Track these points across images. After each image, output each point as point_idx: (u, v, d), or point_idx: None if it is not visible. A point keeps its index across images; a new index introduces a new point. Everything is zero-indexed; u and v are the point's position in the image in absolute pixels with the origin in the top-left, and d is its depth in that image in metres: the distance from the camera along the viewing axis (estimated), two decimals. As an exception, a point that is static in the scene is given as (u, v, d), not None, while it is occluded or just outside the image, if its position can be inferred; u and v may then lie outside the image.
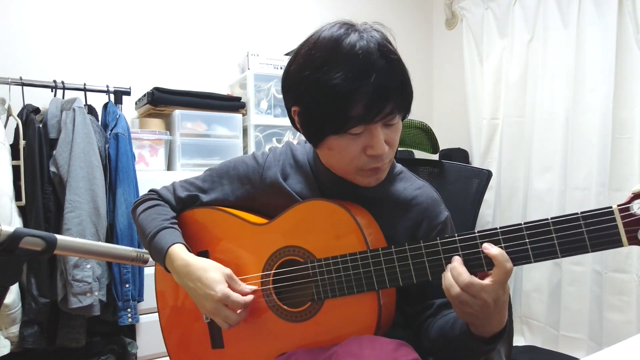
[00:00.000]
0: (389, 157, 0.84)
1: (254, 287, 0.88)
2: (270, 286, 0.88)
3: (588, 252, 0.67)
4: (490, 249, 0.70)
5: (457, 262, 0.71)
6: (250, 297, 0.86)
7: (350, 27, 0.79)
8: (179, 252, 0.89)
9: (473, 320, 0.73)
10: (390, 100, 0.76)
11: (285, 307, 0.87)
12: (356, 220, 0.81)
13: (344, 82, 0.74)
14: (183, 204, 1.03)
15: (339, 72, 0.74)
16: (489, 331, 0.74)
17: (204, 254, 0.96)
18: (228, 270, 0.87)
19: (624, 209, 0.65)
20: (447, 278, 0.71)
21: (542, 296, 2.43)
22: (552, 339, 2.37)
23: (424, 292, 0.89)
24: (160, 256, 0.91)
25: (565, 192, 2.31)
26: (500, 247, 0.70)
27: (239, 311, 0.85)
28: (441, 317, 0.86)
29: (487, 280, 0.69)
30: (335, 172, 0.88)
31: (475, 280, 0.69)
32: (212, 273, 0.85)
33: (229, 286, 0.85)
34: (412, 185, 0.94)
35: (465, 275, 0.69)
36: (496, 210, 2.66)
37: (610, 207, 0.66)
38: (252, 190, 0.97)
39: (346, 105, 0.75)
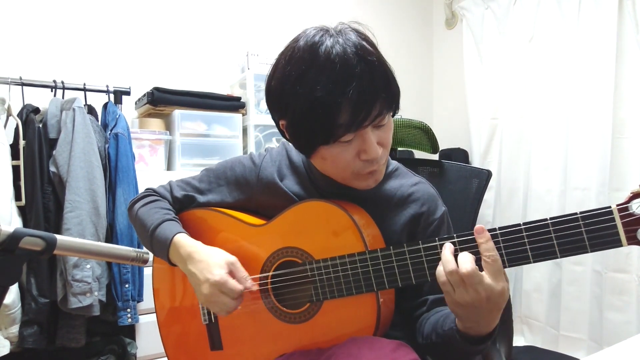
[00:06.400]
0: (384, 158, 0.84)
1: (254, 277, 0.87)
2: (269, 287, 0.88)
3: (587, 252, 0.67)
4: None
5: (447, 250, 0.70)
6: (249, 283, 0.84)
7: (325, 32, 0.77)
8: (185, 240, 0.88)
9: (461, 311, 0.71)
10: (376, 102, 0.75)
11: (284, 308, 0.86)
12: (354, 221, 0.81)
13: (325, 94, 0.72)
14: (180, 204, 1.02)
15: (319, 84, 0.73)
16: (477, 330, 0.72)
17: None
18: (233, 258, 0.85)
19: (623, 208, 0.64)
20: (437, 267, 0.71)
21: (542, 296, 2.43)
22: (552, 339, 2.37)
23: (419, 288, 0.89)
24: (164, 247, 0.89)
25: (565, 192, 2.31)
26: (499, 248, 0.69)
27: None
28: (435, 313, 0.85)
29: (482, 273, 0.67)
30: (334, 178, 0.87)
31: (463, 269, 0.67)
32: (215, 258, 0.84)
33: (231, 272, 0.84)
34: (408, 182, 0.93)
35: (452, 263, 0.68)
36: (496, 210, 2.66)
37: (610, 207, 0.65)
38: (249, 190, 0.97)
39: (331, 116, 0.73)
